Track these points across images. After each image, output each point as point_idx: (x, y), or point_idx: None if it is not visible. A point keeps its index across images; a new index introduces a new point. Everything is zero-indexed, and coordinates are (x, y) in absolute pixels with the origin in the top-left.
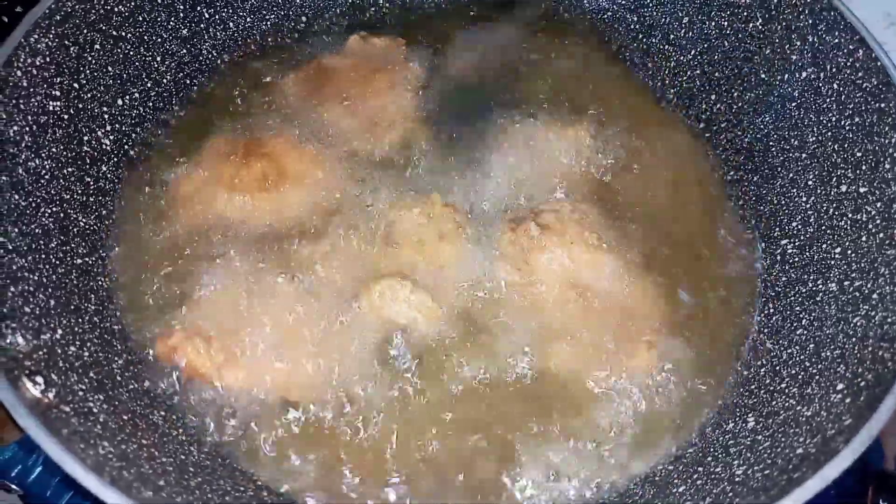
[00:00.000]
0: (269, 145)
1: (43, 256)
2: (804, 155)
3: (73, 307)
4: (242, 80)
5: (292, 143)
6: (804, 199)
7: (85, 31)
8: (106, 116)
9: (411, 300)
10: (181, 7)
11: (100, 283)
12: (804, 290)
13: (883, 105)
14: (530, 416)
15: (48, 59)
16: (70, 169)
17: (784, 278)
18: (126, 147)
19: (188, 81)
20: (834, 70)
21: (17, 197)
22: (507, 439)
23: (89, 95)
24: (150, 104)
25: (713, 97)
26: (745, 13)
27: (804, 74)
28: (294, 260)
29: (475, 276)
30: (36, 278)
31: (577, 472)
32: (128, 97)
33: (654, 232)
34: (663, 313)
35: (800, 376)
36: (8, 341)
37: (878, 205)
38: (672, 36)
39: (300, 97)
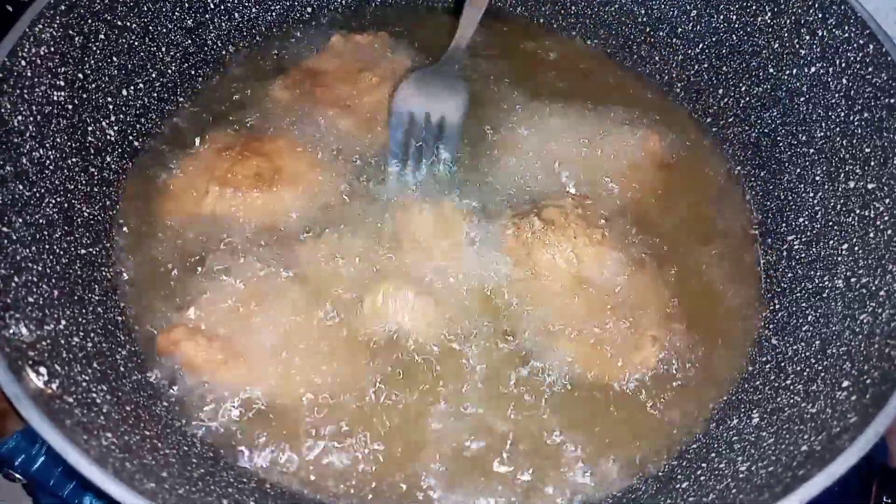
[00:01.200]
0: (268, 145)
1: (47, 247)
2: (812, 150)
3: (76, 298)
4: (247, 74)
5: (291, 144)
6: (811, 194)
7: (89, 20)
8: (110, 107)
9: (415, 305)
10: None
11: (103, 273)
12: (810, 287)
13: (892, 101)
14: (533, 415)
15: (52, 49)
16: (74, 159)
17: (790, 274)
18: (130, 138)
19: (193, 73)
20: (843, 65)
21: (21, 187)
22: (508, 438)
23: (94, 86)
24: (155, 95)
25: (720, 91)
26: (753, 7)
27: (813, 69)
28: (297, 260)
29: (478, 271)
30: (39, 268)
31: (580, 469)
32: (132, 88)
33: (659, 227)
34: (668, 308)
35: (805, 373)
36: (11, 331)
37: (887, 201)
38: (680, 29)
39: (294, 101)
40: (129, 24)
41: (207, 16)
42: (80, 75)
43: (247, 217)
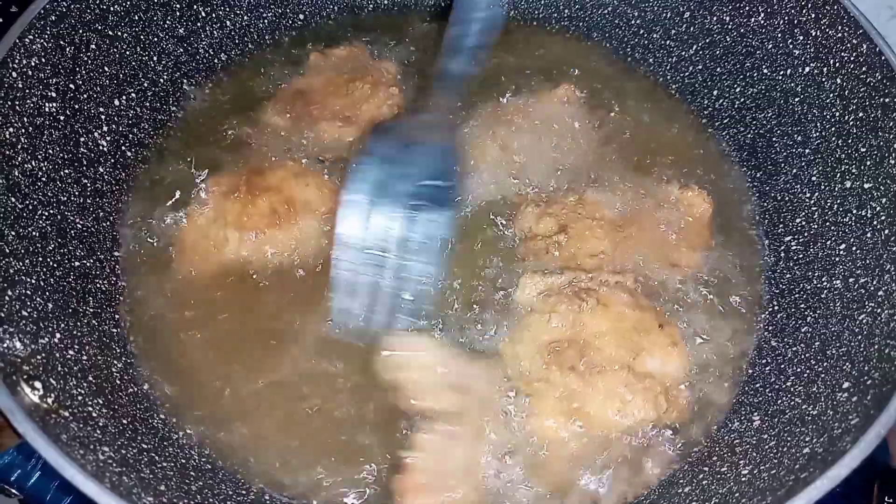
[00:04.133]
0: (270, 177)
1: (40, 259)
2: (808, 151)
3: (71, 310)
4: (238, 81)
5: (294, 171)
6: (808, 195)
7: (80, 31)
8: (102, 117)
9: None
10: (177, 6)
11: (98, 285)
12: (809, 288)
13: (887, 100)
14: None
15: (44, 60)
16: (67, 171)
17: (788, 275)
18: (123, 148)
19: (185, 81)
20: (837, 65)
21: (13, 199)
22: None
23: (85, 96)
24: (147, 105)
25: (715, 93)
26: (746, 8)
27: (807, 69)
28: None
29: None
30: (33, 281)
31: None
32: (124, 98)
33: (656, 229)
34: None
35: (805, 375)
36: (5, 346)
37: (884, 200)
38: (673, 31)
39: (290, 123)
40: (120, 33)
41: (199, 24)
42: (72, 86)
43: (269, 255)
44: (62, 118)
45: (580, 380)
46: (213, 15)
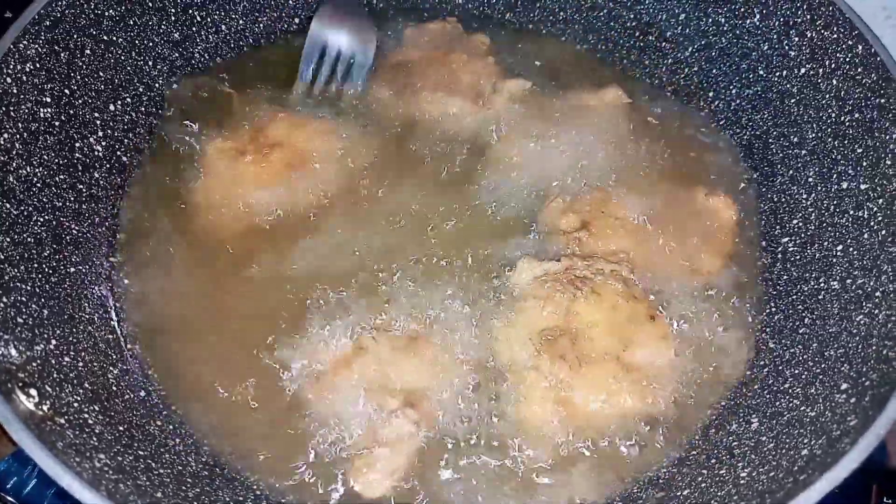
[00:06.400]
0: (273, 130)
1: (35, 266)
2: (804, 151)
3: (66, 316)
4: (235, 86)
5: (293, 121)
6: (805, 196)
7: (75, 36)
8: (98, 122)
9: None
10: (172, 11)
11: (94, 291)
12: (806, 289)
13: (883, 100)
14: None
15: (38, 65)
16: (62, 176)
17: (786, 277)
18: (119, 153)
19: (179, 85)
20: (833, 66)
21: (8, 205)
22: None
23: (80, 101)
24: (143, 109)
25: (711, 94)
26: (742, 9)
27: (803, 70)
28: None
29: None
30: (28, 288)
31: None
32: (119, 102)
33: (679, 232)
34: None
35: (803, 376)
36: (0, 353)
37: (880, 201)
38: (669, 33)
39: (397, 95)
40: (115, 38)
41: (194, 28)
42: (67, 91)
43: (286, 212)
44: (57, 123)
45: (570, 369)
46: (209, 19)
